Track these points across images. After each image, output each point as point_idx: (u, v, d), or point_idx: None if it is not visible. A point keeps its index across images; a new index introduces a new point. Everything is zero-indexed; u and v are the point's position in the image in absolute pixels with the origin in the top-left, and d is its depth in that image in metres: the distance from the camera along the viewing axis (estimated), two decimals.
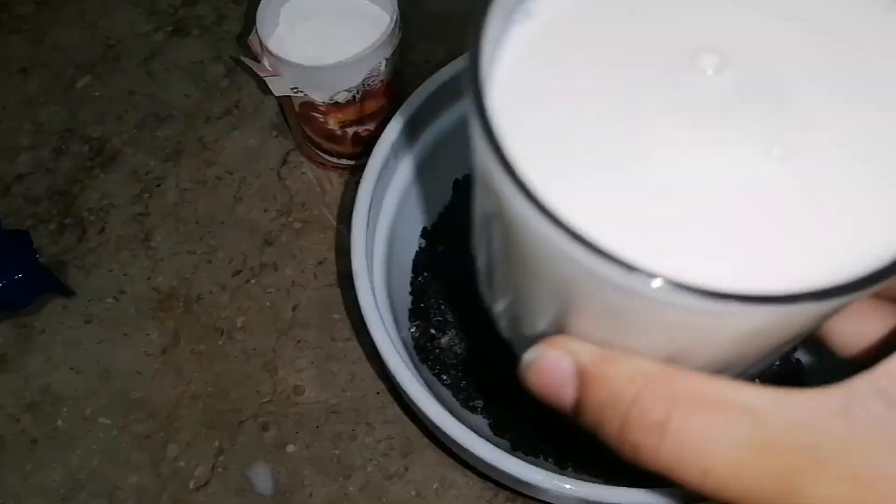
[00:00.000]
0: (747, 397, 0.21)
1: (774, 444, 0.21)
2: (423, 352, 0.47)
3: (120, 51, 0.66)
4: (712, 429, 0.21)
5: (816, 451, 0.21)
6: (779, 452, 0.21)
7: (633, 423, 0.22)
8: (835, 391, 0.21)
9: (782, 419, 0.21)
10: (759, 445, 0.21)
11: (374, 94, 0.53)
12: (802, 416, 0.21)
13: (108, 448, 0.51)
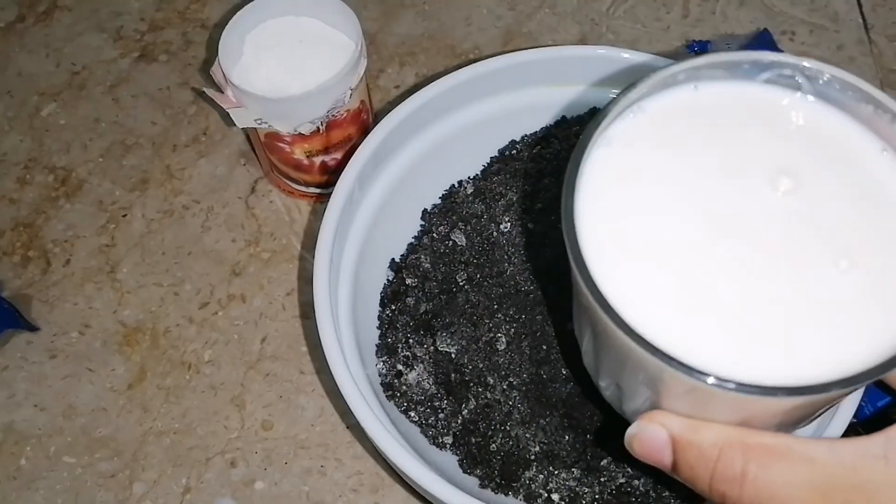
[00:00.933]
0: (806, 448, 0.27)
1: (830, 484, 0.26)
2: (389, 388, 0.46)
3: (85, 77, 0.65)
4: (780, 475, 0.27)
5: (865, 491, 0.26)
6: (834, 491, 0.26)
7: (718, 476, 0.28)
8: (877, 437, 0.27)
9: (835, 464, 0.26)
10: (818, 486, 0.26)
11: (339, 123, 0.52)
12: (851, 460, 0.26)
13: (73, 488, 0.50)
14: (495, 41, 0.66)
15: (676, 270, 0.30)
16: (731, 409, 0.28)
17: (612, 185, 0.32)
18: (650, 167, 0.32)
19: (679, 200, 0.31)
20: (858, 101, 0.32)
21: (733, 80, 0.33)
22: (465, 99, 0.51)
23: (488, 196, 0.50)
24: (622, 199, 0.32)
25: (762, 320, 0.29)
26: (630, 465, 0.43)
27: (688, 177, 0.32)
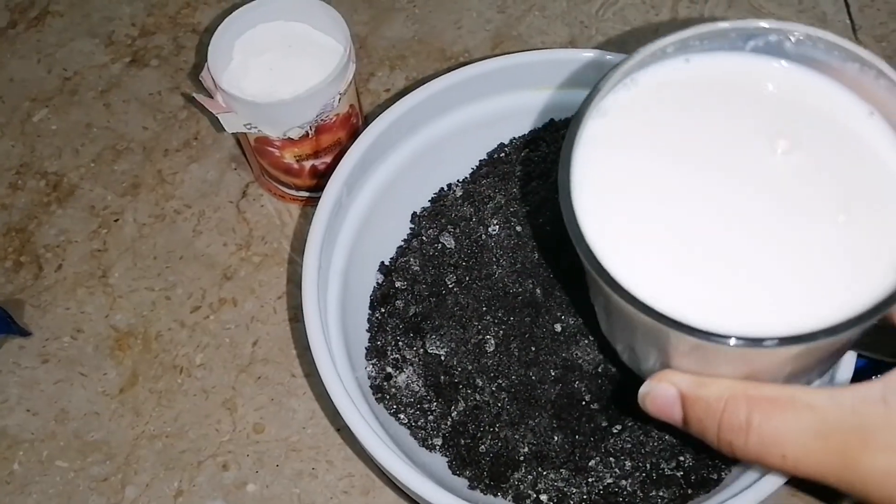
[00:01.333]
0: (808, 396, 0.28)
1: (831, 429, 0.28)
2: (379, 391, 0.46)
3: (77, 83, 0.65)
4: (783, 423, 0.28)
5: (863, 431, 0.27)
6: (835, 435, 0.27)
7: (724, 427, 0.29)
8: (876, 383, 0.28)
9: (836, 410, 0.28)
10: (820, 432, 0.28)
11: (329, 127, 0.52)
12: (850, 405, 0.28)
13: (65, 492, 0.51)
14: (485, 44, 0.66)
15: (675, 230, 0.31)
16: (734, 364, 0.29)
17: (608, 154, 0.33)
18: (646, 135, 0.33)
19: (676, 165, 0.32)
20: (844, 61, 0.32)
21: (722, 51, 0.34)
22: (453, 102, 0.51)
23: (477, 199, 0.51)
24: (618, 167, 0.32)
25: (762, 274, 0.30)
26: (615, 462, 0.44)
27: (684, 143, 0.33)
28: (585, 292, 0.37)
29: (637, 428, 0.45)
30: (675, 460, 0.43)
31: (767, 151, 0.32)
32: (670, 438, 0.44)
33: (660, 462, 0.43)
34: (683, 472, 0.43)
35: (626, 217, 0.31)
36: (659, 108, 0.34)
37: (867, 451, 0.27)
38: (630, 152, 0.33)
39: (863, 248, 0.30)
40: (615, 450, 0.44)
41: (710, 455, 0.44)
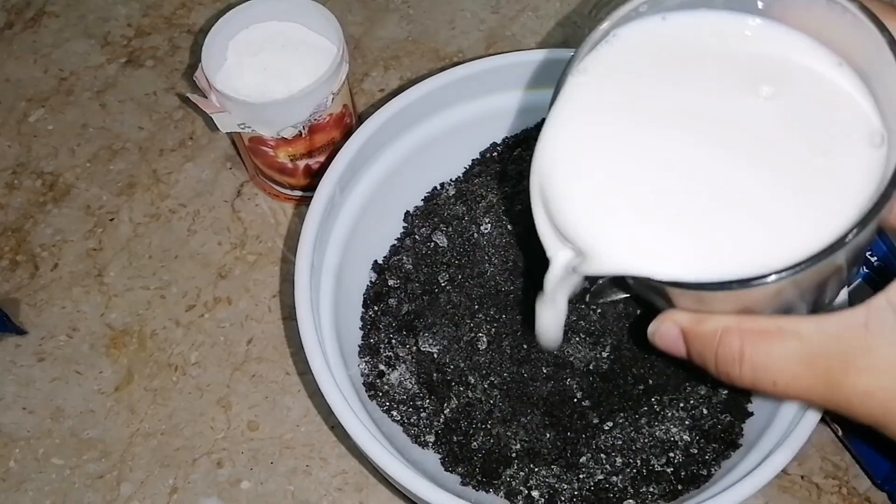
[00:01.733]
0: (795, 325, 0.30)
1: (816, 355, 0.29)
2: (371, 388, 0.47)
3: (73, 83, 0.66)
4: (772, 352, 0.30)
5: (845, 356, 0.29)
6: (819, 361, 0.29)
7: (720, 359, 0.31)
8: (859, 309, 0.29)
9: (820, 336, 0.29)
10: (805, 358, 0.29)
11: (322, 127, 0.53)
12: (835, 331, 0.29)
13: (61, 489, 0.51)
14: (478, 44, 0.66)
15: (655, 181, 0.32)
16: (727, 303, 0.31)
17: (590, 108, 0.34)
18: (627, 88, 0.34)
19: (652, 121, 0.33)
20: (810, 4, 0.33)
21: (696, 9, 0.35)
22: (446, 101, 0.51)
23: (469, 198, 0.51)
24: (596, 124, 0.34)
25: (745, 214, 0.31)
26: (606, 458, 0.44)
27: (665, 94, 0.34)
28: None
29: (628, 425, 0.45)
30: (666, 456, 0.44)
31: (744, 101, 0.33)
32: (661, 435, 0.44)
33: (650, 458, 0.44)
34: (673, 468, 0.44)
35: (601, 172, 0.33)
36: (637, 64, 0.34)
37: (848, 373, 0.29)
38: (607, 109, 0.34)
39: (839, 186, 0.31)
40: (606, 446, 0.44)
41: (699, 451, 0.44)
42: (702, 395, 0.46)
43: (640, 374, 0.47)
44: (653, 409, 0.45)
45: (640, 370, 0.47)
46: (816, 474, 0.50)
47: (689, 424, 0.45)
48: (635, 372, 0.47)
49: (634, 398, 0.46)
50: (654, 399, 0.46)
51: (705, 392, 0.46)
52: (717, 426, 0.45)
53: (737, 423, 0.45)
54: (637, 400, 0.46)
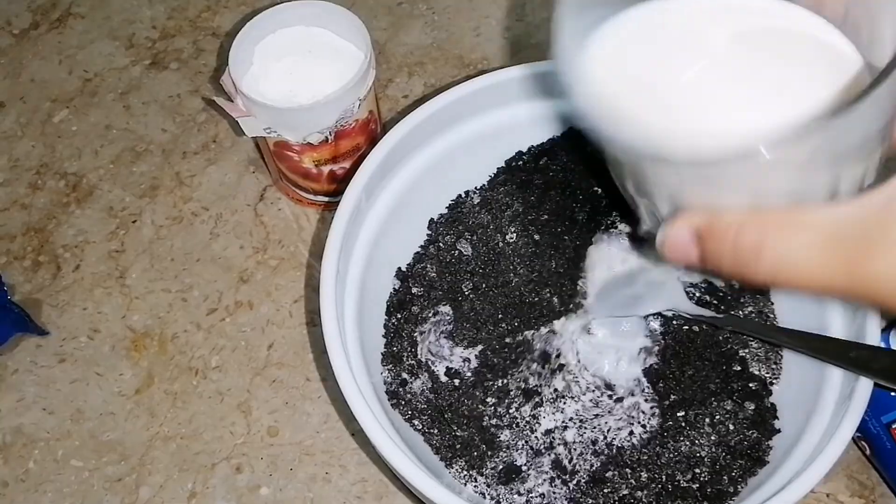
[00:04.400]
0: (813, 214, 0.29)
1: (836, 241, 0.28)
2: (394, 397, 0.46)
3: (97, 84, 0.66)
4: (791, 241, 0.29)
5: (867, 239, 0.28)
6: (841, 246, 0.28)
7: (738, 252, 0.30)
8: (876, 192, 0.28)
9: (841, 221, 0.28)
10: (825, 245, 0.28)
11: (348, 133, 0.53)
12: (855, 215, 0.28)
13: (80, 491, 0.51)
14: (503, 52, 0.66)
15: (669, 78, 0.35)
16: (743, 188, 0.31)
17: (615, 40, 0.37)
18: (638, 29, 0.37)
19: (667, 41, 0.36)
20: None
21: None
22: (472, 110, 0.51)
23: (494, 206, 0.51)
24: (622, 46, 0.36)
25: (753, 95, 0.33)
26: (631, 473, 0.43)
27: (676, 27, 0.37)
28: None
29: (653, 439, 0.45)
30: (692, 472, 0.43)
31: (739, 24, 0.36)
32: (686, 450, 0.44)
33: (675, 474, 0.43)
34: (699, 484, 0.43)
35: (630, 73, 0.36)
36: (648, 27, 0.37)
37: (872, 256, 0.28)
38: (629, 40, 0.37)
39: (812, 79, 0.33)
40: (631, 461, 0.44)
41: (725, 467, 0.44)
42: (728, 411, 0.45)
43: (666, 389, 0.46)
44: (678, 423, 0.45)
45: (665, 385, 0.46)
46: (842, 493, 0.49)
47: (715, 440, 0.44)
48: (661, 387, 0.47)
49: (659, 413, 0.46)
50: (679, 414, 0.45)
51: (731, 407, 0.45)
52: (744, 442, 0.44)
53: (763, 439, 0.44)
54: (662, 415, 0.46)
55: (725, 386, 0.46)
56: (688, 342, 0.47)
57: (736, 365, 0.47)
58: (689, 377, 0.46)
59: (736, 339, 0.47)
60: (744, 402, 0.45)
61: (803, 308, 0.47)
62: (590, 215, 0.50)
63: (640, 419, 0.45)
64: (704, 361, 0.47)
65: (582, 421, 0.46)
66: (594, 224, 0.51)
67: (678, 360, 0.47)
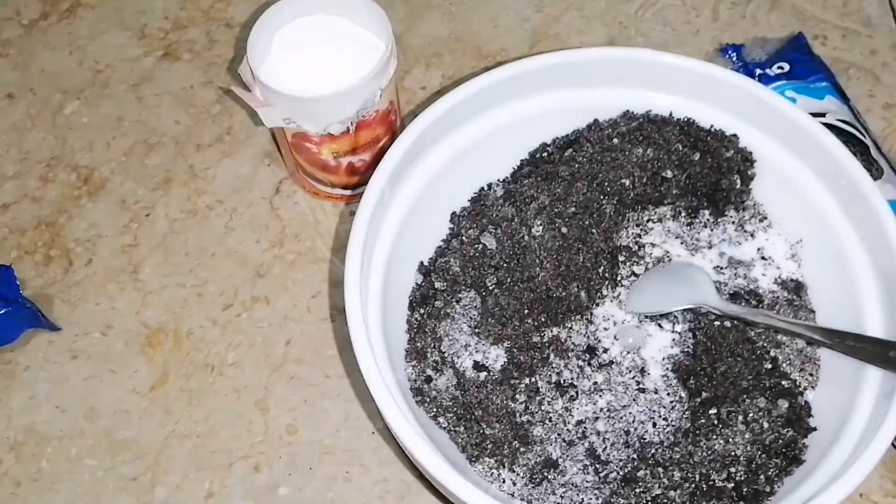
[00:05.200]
0: None
1: None
2: (419, 394, 0.45)
3: (109, 76, 0.64)
4: None
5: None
6: None
7: None
8: None
9: None
10: None
11: (368, 124, 0.51)
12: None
13: (94, 490, 0.50)
14: (522, 43, 0.65)
15: None
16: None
17: None
18: None
19: None
20: None
21: None
22: (495, 101, 0.50)
23: (519, 199, 0.49)
24: None
25: None
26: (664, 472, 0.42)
27: None
28: None
29: (685, 437, 0.43)
30: (727, 471, 0.42)
31: None
32: (721, 449, 0.43)
33: (710, 473, 0.42)
34: (734, 483, 0.42)
35: None
36: None
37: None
38: None
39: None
40: (664, 460, 0.43)
41: (761, 466, 0.42)
42: (761, 408, 0.44)
43: (697, 386, 0.45)
44: (711, 421, 0.44)
45: (697, 382, 0.45)
46: (876, 493, 0.48)
47: (750, 438, 0.43)
48: (692, 383, 0.45)
49: (691, 410, 0.45)
50: (711, 412, 0.44)
51: (764, 405, 0.44)
52: (779, 440, 0.43)
53: (799, 438, 0.43)
54: (694, 412, 0.45)
55: (758, 383, 0.45)
56: (720, 338, 0.46)
57: (768, 362, 0.46)
58: (721, 374, 0.45)
59: (768, 334, 0.46)
60: (777, 399, 0.44)
61: (840, 304, 0.46)
62: (617, 208, 0.49)
63: (671, 414, 0.44)
64: (737, 358, 0.45)
65: (612, 411, 0.45)
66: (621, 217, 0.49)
67: (710, 356, 0.45)
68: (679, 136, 0.50)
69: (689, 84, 0.50)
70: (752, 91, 0.48)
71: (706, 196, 0.50)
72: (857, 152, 0.52)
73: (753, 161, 0.50)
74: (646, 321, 0.48)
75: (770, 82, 0.55)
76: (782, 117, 0.48)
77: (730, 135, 0.50)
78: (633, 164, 0.49)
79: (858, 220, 0.46)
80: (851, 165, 0.45)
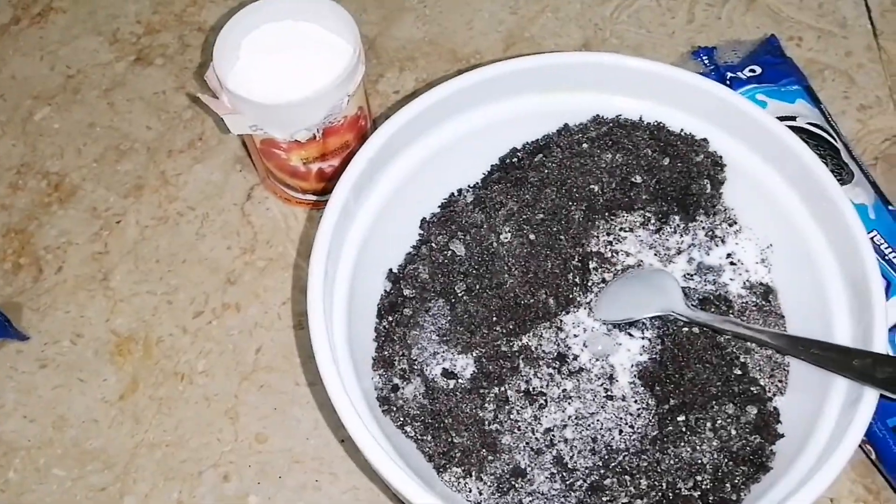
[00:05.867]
0: None
1: None
2: (385, 403, 0.45)
3: (80, 81, 0.64)
4: None
5: None
6: None
7: None
8: None
9: None
10: None
11: (337, 130, 0.51)
12: None
13: (62, 501, 0.49)
14: (497, 46, 0.65)
15: None
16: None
17: None
18: None
19: None
20: None
21: None
22: (464, 105, 0.50)
23: (488, 205, 0.49)
24: None
25: None
26: (630, 481, 0.42)
27: None
28: None
29: (652, 444, 0.43)
30: (693, 480, 0.42)
31: None
32: (688, 456, 0.43)
33: (676, 481, 0.42)
34: (701, 492, 0.42)
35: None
36: None
37: None
38: None
39: None
40: (631, 468, 0.42)
41: (728, 474, 0.42)
42: (729, 415, 0.44)
43: (665, 393, 0.45)
44: (679, 428, 0.44)
45: (664, 389, 0.45)
46: (846, 498, 0.48)
47: (717, 446, 0.43)
48: (659, 390, 0.45)
49: (659, 417, 0.44)
50: (679, 418, 0.44)
51: (733, 411, 0.44)
52: (747, 447, 0.43)
53: (767, 444, 0.43)
54: (662, 419, 0.44)
55: (727, 389, 0.45)
56: (688, 345, 0.46)
57: (737, 368, 0.45)
58: (689, 380, 0.45)
59: (738, 341, 0.46)
60: (745, 406, 0.44)
61: (810, 308, 0.46)
62: (587, 214, 0.49)
63: (637, 422, 0.44)
64: (705, 364, 0.45)
65: (580, 418, 0.45)
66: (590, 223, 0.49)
67: (678, 362, 0.45)
68: (649, 141, 0.50)
69: (659, 88, 0.49)
70: (721, 95, 0.48)
71: (676, 201, 0.50)
72: (827, 156, 0.52)
73: (723, 165, 0.50)
74: (615, 329, 0.47)
75: (741, 86, 0.55)
76: (751, 122, 0.48)
77: (699, 139, 0.50)
78: (602, 170, 0.49)
79: (827, 224, 0.46)
80: (819, 169, 0.45)
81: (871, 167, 0.58)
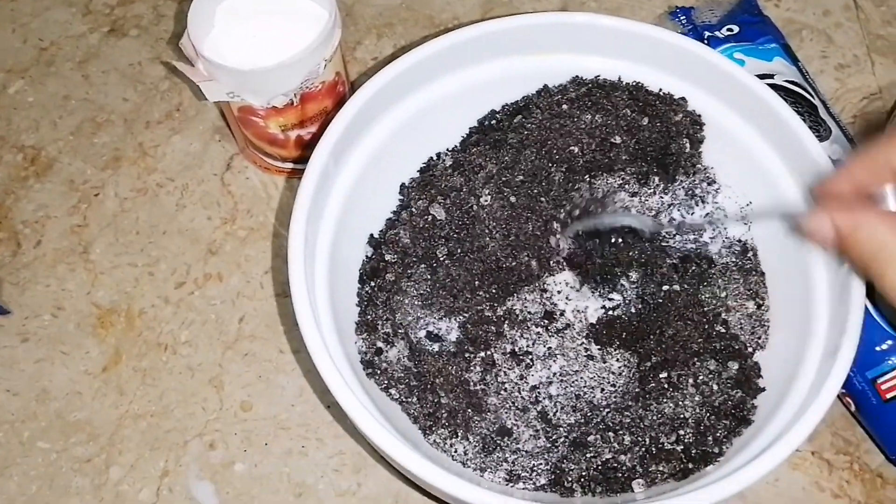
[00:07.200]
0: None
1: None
2: (370, 366, 0.45)
3: (54, 53, 0.63)
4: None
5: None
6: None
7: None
8: None
9: None
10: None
11: (314, 96, 0.51)
12: None
13: (48, 473, 0.49)
14: (474, 10, 0.64)
15: None
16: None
17: None
18: None
19: None
20: None
21: None
22: (443, 68, 0.49)
23: (467, 168, 0.49)
24: None
25: None
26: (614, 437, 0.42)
27: None
28: None
29: (635, 401, 0.44)
30: (675, 434, 0.42)
31: None
32: (670, 412, 0.43)
33: (659, 436, 0.42)
34: (684, 446, 0.42)
35: None
36: None
37: None
38: None
39: None
40: (614, 424, 0.43)
41: (710, 428, 0.43)
42: (711, 371, 0.44)
43: (646, 350, 0.45)
44: (661, 385, 0.44)
45: (645, 346, 0.45)
46: (827, 450, 0.49)
47: (700, 401, 0.43)
48: (641, 348, 0.45)
49: (642, 374, 0.45)
50: (662, 375, 0.44)
51: (714, 367, 0.44)
52: (728, 402, 0.43)
53: (748, 398, 0.43)
54: (644, 376, 0.45)
55: (708, 345, 0.45)
56: (668, 303, 0.46)
57: (719, 325, 0.46)
58: (669, 337, 0.45)
59: (719, 298, 0.46)
60: (727, 361, 0.44)
61: (788, 264, 0.46)
62: (567, 175, 0.49)
63: (618, 380, 0.44)
64: (686, 321, 0.46)
65: (564, 375, 0.45)
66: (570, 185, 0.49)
67: (658, 320, 0.46)
68: (628, 101, 0.50)
69: (637, 48, 0.49)
70: (698, 54, 0.48)
71: (656, 161, 0.50)
72: (805, 113, 0.52)
73: (702, 124, 0.50)
74: (596, 290, 0.48)
75: (719, 45, 0.55)
76: (729, 79, 0.47)
77: (678, 98, 0.50)
78: (582, 131, 0.49)
79: (805, 181, 0.46)
80: (797, 126, 0.45)
81: (850, 125, 0.58)
